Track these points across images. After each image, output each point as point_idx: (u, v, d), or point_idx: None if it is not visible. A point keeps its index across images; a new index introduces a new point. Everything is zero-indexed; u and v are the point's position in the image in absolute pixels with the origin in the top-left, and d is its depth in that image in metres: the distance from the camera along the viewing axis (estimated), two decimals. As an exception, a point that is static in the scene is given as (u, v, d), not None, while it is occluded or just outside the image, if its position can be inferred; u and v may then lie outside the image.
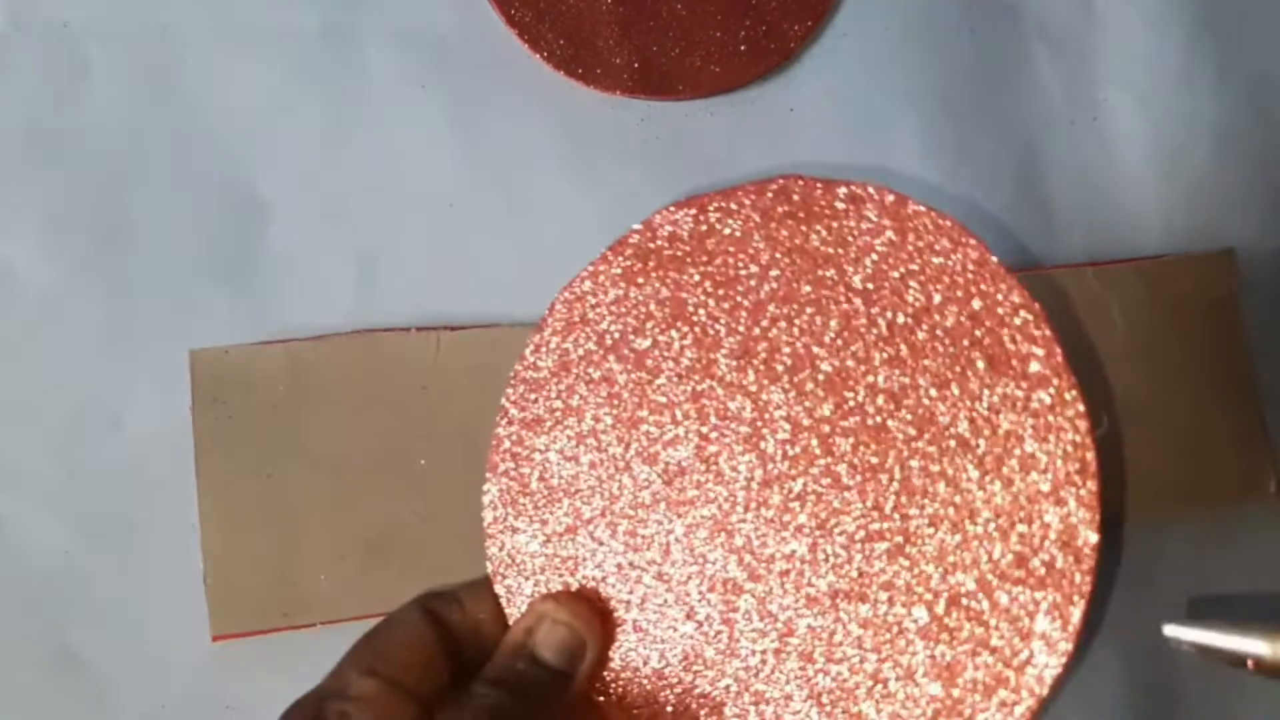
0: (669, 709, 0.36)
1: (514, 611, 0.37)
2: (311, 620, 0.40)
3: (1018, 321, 0.36)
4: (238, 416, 0.40)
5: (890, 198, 0.37)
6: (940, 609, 0.35)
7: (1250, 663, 0.35)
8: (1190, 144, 0.45)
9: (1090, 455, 0.35)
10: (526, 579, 0.37)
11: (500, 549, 0.38)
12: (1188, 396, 0.42)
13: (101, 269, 0.42)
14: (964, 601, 0.35)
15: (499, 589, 0.37)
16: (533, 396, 0.38)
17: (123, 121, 0.43)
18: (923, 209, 0.37)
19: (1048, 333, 0.35)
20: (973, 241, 0.36)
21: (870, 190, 0.37)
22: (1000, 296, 0.36)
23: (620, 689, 0.37)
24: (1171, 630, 0.36)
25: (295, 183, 0.43)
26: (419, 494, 0.40)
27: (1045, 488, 0.35)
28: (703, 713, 0.36)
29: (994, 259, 0.36)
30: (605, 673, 0.37)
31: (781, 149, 0.44)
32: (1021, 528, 0.35)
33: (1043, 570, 0.34)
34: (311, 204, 0.43)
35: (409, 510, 0.40)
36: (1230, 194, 0.45)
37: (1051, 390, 0.35)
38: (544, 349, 0.38)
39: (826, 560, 0.36)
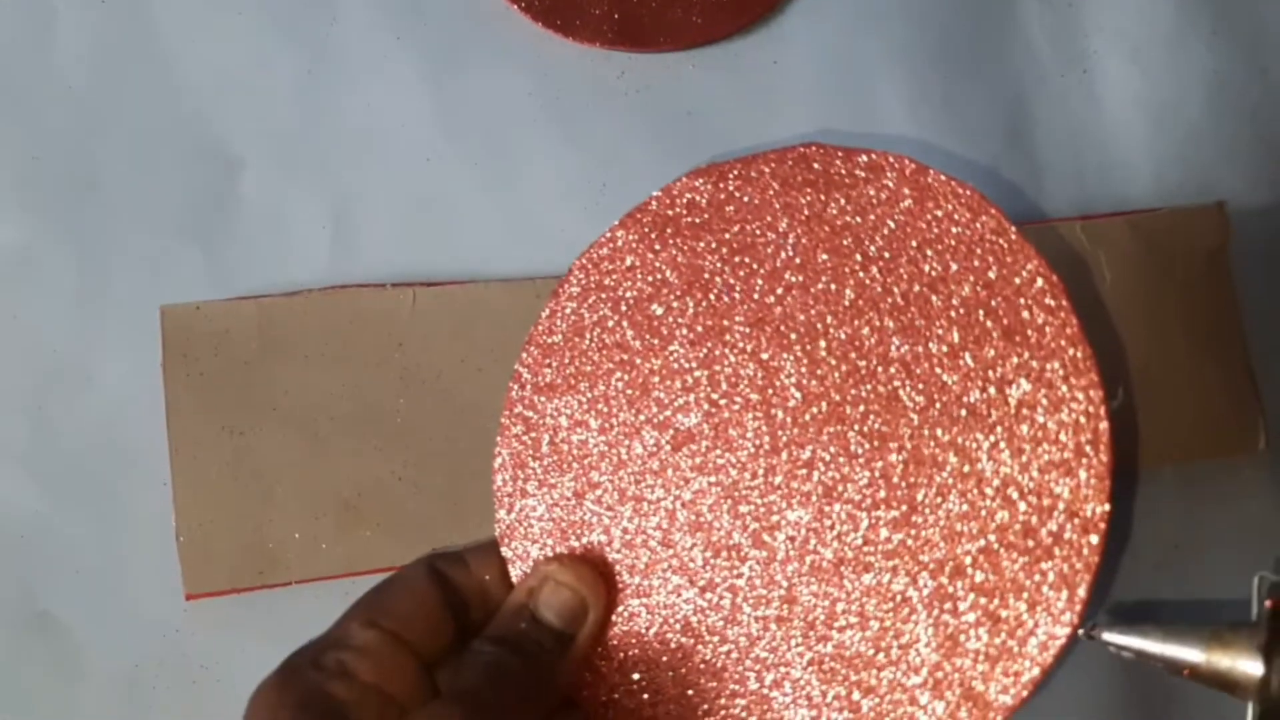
0: (670, 674, 0.36)
1: (519, 574, 0.37)
2: (286, 579, 0.39)
3: (1034, 291, 0.36)
4: (209, 373, 0.40)
5: (911, 166, 0.37)
6: (945, 578, 0.35)
7: (1185, 671, 0.35)
8: (1182, 96, 0.45)
9: (1103, 426, 0.34)
10: (533, 543, 0.37)
11: (509, 512, 0.38)
12: (1177, 351, 0.41)
13: (71, 224, 0.42)
14: (970, 571, 0.35)
15: (506, 552, 0.38)
16: (547, 361, 0.38)
17: (92, 74, 0.42)
18: (943, 178, 0.37)
19: (1064, 302, 0.35)
20: (992, 211, 0.36)
21: (890, 159, 0.37)
22: (1017, 266, 0.36)
23: (622, 653, 0.37)
24: (1109, 636, 0.36)
25: (268, 136, 0.42)
26: (395, 452, 0.40)
27: (1056, 458, 0.35)
28: (703, 679, 0.36)
29: (1013, 229, 0.36)
30: (607, 636, 0.37)
31: (765, 102, 0.44)
32: (1031, 498, 0.35)
33: (1050, 540, 0.34)
34: (285, 158, 0.42)
35: (384, 468, 0.40)
36: (1222, 147, 0.44)
37: (1066, 360, 0.35)
38: (559, 314, 0.38)
39: (832, 528, 0.36)
